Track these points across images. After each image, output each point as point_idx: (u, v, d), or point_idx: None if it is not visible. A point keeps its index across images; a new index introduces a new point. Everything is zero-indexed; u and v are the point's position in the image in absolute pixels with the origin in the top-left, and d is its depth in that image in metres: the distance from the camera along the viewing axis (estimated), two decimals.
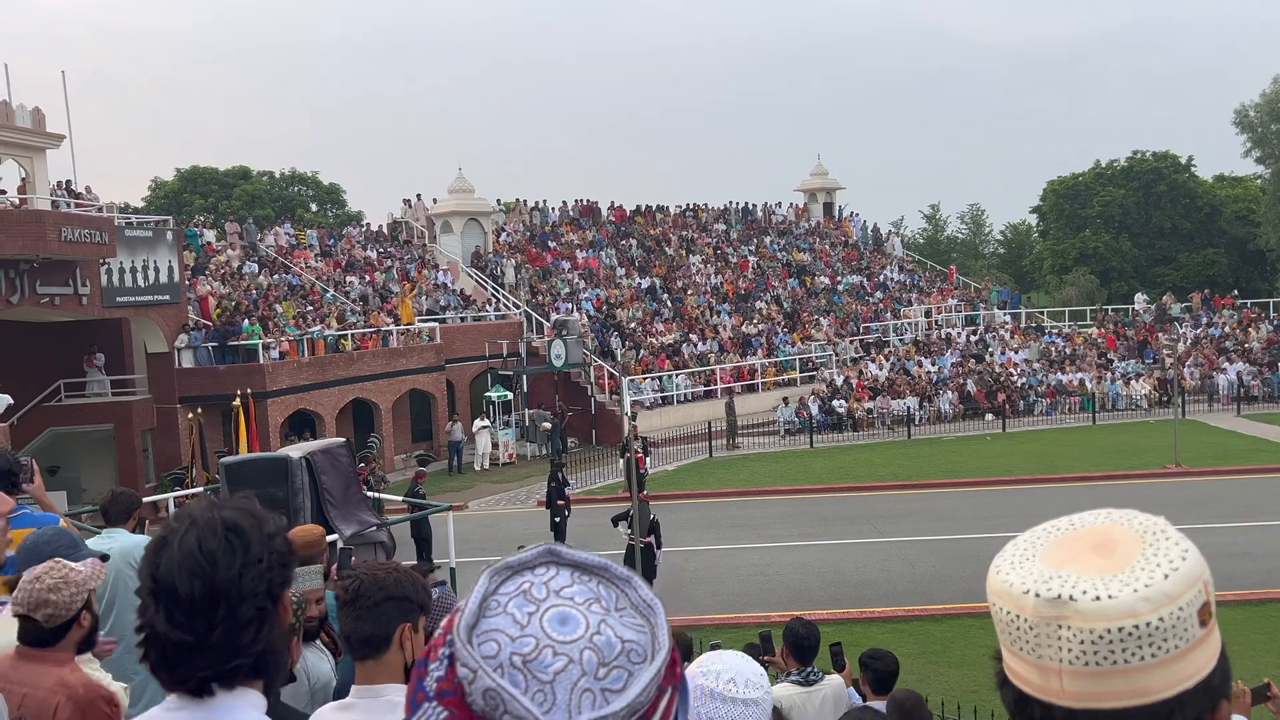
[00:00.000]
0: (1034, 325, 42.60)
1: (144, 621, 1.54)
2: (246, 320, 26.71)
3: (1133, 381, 34.98)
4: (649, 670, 0.89)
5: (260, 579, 1.52)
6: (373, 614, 2.52)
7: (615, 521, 15.76)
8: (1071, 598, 0.99)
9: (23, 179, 25.91)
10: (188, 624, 1.49)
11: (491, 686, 0.85)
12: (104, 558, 3.49)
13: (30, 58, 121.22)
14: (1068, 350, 37.97)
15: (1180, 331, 37.45)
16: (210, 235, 34.19)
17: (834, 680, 5.68)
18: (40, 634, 2.85)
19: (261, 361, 25.47)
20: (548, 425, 29.58)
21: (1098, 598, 0.98)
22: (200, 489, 19.19)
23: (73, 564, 2.99)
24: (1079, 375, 35.25)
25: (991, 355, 37.77)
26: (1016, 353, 37.74)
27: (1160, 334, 38.01)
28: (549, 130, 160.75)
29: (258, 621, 1.53)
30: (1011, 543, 1.11)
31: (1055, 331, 41.39)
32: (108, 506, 5.46)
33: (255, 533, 1.54)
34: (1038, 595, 1.00)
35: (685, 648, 5.64)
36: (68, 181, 28.43)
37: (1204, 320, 40.31)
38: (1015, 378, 35.36)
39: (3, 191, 25.33)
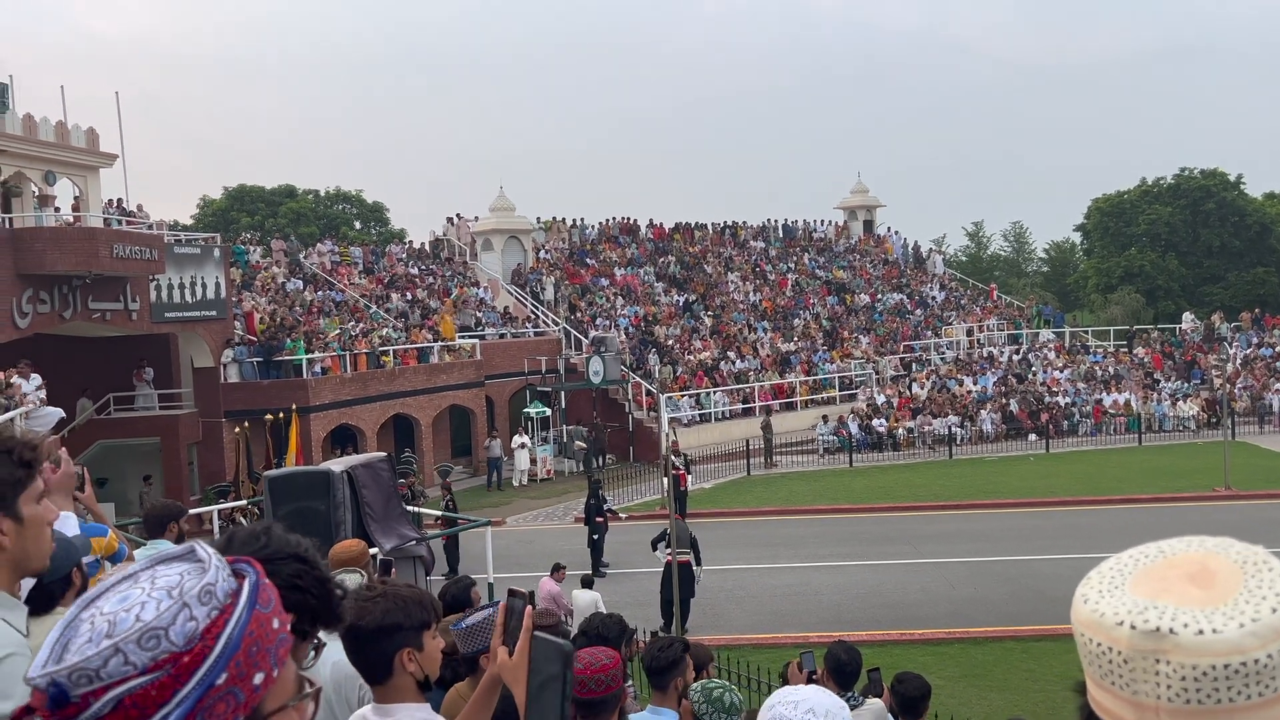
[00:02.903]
0: (1079, 345, 42.00)
1: None
2: (289, 337, 27.09)
3: (1180, 402, 34.33)
4: (102, 645, 0.96)
5: None
6: (364, 647, 2.50)
7: (654, 545, 15.66)
8: (1172, 630, 0.92)
9: (76, 197, 26.55)
10: None
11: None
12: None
13: (85, 80, 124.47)
14: (1112, 370, 37.38)
15: (1230, 351, 36.73)
16: (257, 254, 34.77)
17: (875, 705, 5.62)
18: None
19: (305, 377, 25.81)
20: (581, 444, 29.74)
21: (1200, 631, 0.92)
22: (244, 502, 19.47)
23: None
24: (1124, 395, 34.68)
25: (1034, 374, 37.27)
26: (1061, 372, 37.21)
27: (1209, 354, 37.30)
28: (589, 149, 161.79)
29: None
30: (1095, 570, 1.05)
31: (1100, 351, 40.77)
32: (147, 519, 5.58)
33: None
34: (1133, 627, 0.94)
35: (703, 662, 5.61)
36: (119, 200, 29.09)
37: (1254, 340, 39.48)
38: (1059, 397, 34.85)
39: (58, 209, 25.96)
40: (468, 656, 3.59)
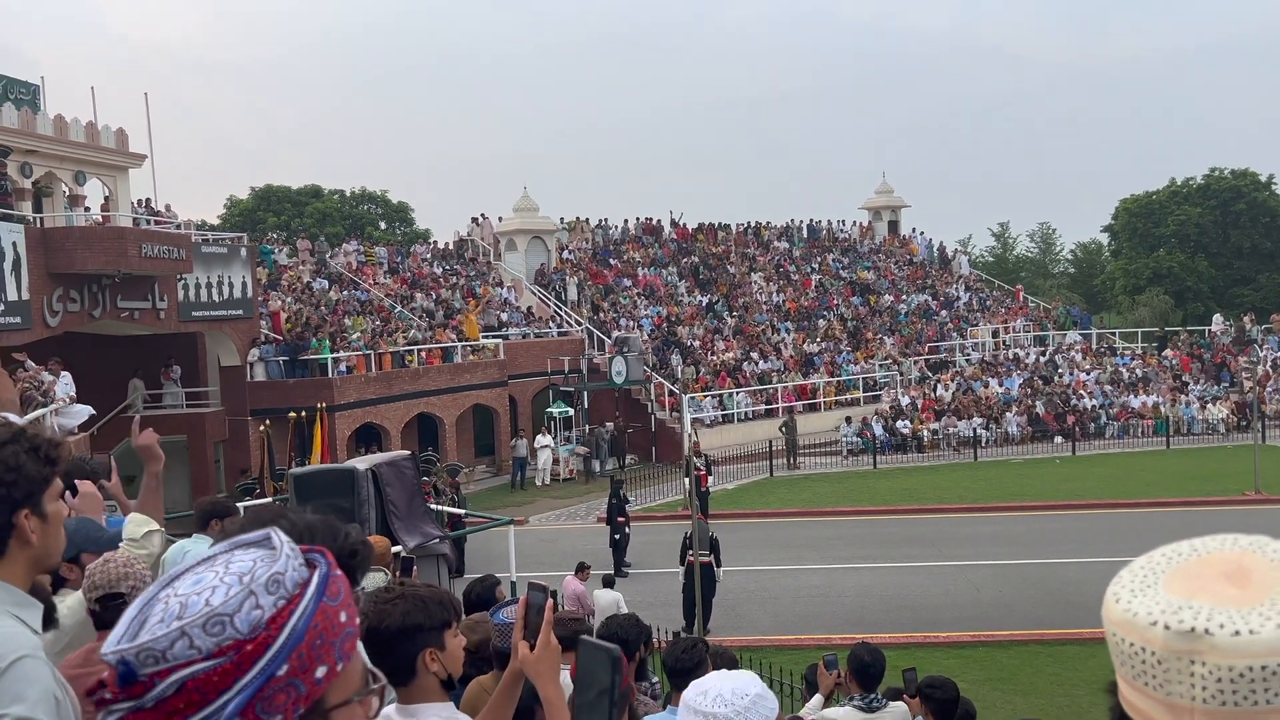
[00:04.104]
0: (1106, 347, 41.58)
1: None
2: (315, 336, 27.27)
3: (1209, 405, 33.91)
4: (171, 626, 0.98)
5: None
6: (386, 650, 2.50)
7: (683, 559, 15.45)
8: (1207, 631, 0.91)
9: (106, 197, 26.86)
10: None
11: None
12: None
13: (115, 82, 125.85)
14: (1140, 372, 36.97)
15: (1260, 354, 36.23)
16: (283, 254, 35.05)
17: (899, 708, 5.55)
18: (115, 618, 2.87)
19: (330, 376, 26.01)
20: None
21: (1237, 632, 0.90)
22: (269, 499, 19.61)
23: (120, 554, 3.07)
24: (1152, 398, 34.29)
25: (1061, 377, 36.94)
26: (1087, 374, 36.85)
27: (1239, 356, 36.81)
28: (613, 149, 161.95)
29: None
30: (1127, 569, 1.03)
31: (1128, 353, 40.34)
32: (197, 511, 5.70)
33: None
34: (1167, 627, 0.93)
35: (728, 664, 5.58)
36: (148, 199, 29.39)
37: None
38: (1085, 400, 34.52)
39: (88, 209, 26.27)
40: (506, 651, 3.58)
